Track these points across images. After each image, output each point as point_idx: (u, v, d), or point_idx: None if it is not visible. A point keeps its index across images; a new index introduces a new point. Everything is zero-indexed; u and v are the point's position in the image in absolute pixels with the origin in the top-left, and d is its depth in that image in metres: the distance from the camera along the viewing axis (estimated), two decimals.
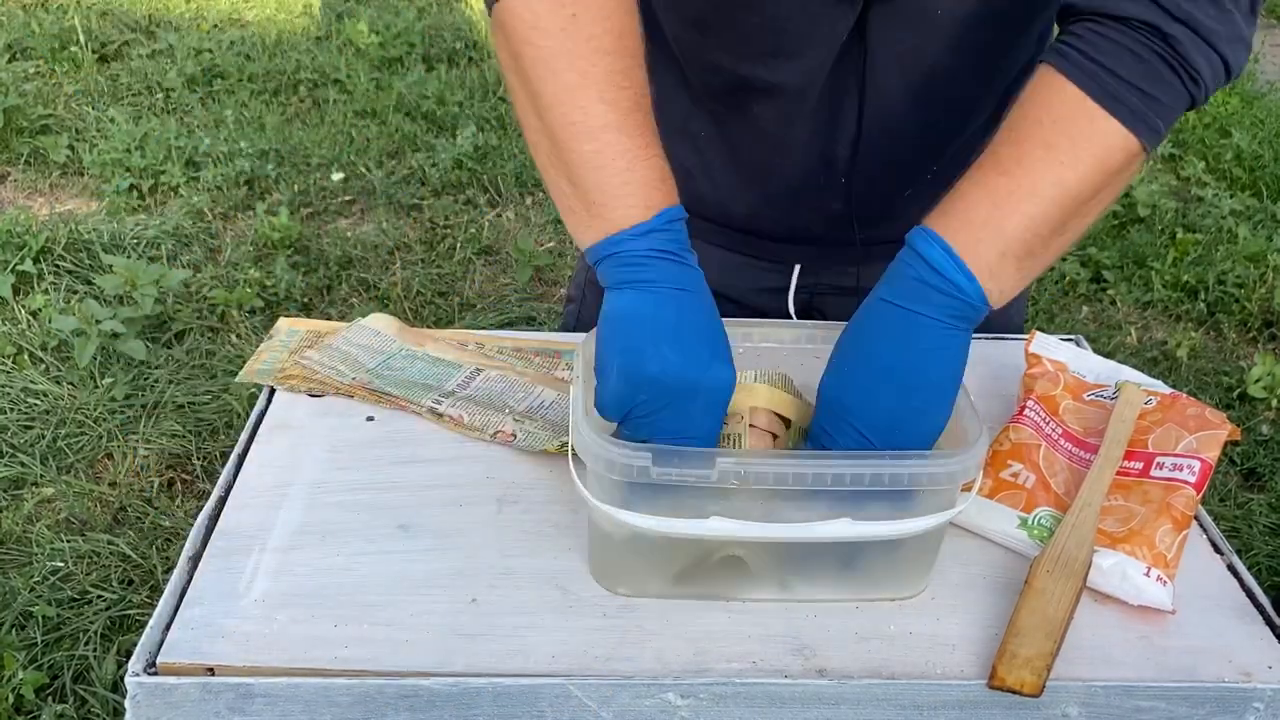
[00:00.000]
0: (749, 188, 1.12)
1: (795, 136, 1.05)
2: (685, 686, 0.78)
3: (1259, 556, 2.21)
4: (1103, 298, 3.08)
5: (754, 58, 1.00)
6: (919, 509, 0.79)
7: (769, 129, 1.05)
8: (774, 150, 1.07)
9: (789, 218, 1.13)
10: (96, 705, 1.76)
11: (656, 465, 0.76)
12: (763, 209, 1.13)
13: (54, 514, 2.14)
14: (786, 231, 1.15)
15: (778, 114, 1.04)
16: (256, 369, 1.07)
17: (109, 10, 4.58)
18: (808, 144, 1.05)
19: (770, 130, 1.05)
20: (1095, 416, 0.97)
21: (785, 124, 1.04)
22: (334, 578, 0.85)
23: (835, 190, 1.08)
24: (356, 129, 3.77)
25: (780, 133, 1.05)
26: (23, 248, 2.89)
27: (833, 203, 1.10)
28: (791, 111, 1.03)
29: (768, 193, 1.11)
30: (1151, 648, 0.82)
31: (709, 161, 1.12)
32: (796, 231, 1.14)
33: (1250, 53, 0.85)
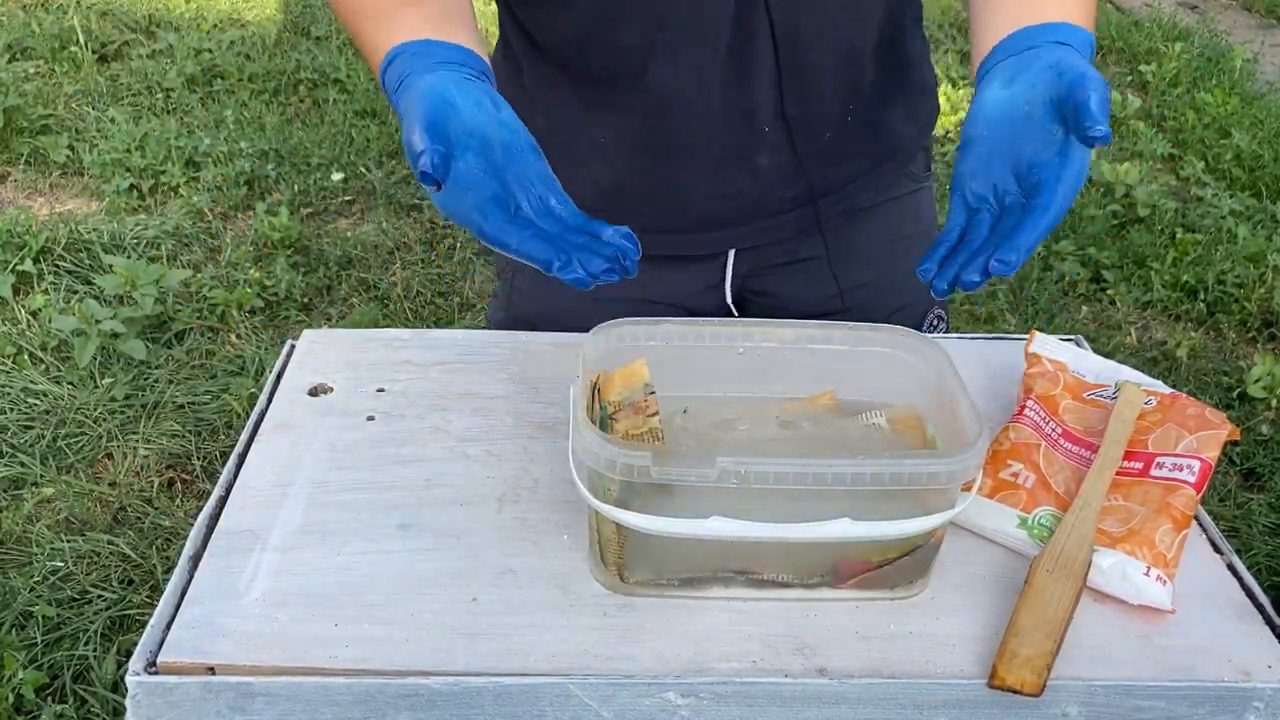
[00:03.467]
0: (671, 172, 1.09)
1: (711, 92, 1.03)
2: (685, 686, 0.78)
3: (1259, 556, 2.21)
4: (1102, 298, 3.08)
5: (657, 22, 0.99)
6: (919, 509, 0.79)
7: (683, 95, 1.03)
8: (691, 117, 1.05)
9: (721, 186, 1.10)
10: (96, 705, 1.76)
11: (656, 465, 0.76)
12: (688, 190, 1.11)
13: (54, 514, 2.14)
14: (721, 210, 1.13)
15: (689, 73, 1.02)
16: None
17: (109, 10, 4.58)
18: (724, 98, 1.03)
19: (684, 96, 1.03)
20: (1095, 416, 0.98)
21: (699, 82, 1.02)
22: (334, 577, 0.85)
23: (760, 141, 1.07)
24: (356, 129, 3.77)
25: (694, 93, 1.03)
26: (23, 248, 2.90)
27: (759, 157, 1.08)
28: (702, 64, 1.01)
29: (690, 168, 1.09)
30: (1151, 647, 0.82)
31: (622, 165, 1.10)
32: (732, 205, 1.12)
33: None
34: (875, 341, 0.93)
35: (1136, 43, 4.86)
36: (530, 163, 0.81)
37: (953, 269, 0.78)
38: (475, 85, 0.82)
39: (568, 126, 1.10)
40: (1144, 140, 3.93)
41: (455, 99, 0.79)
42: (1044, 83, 0.78)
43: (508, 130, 0.81)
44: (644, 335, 0.90)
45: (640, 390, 0.89)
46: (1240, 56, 4.65)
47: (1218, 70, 4.55)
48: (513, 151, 0.80)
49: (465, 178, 0.78)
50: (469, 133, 0.79)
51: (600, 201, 1.13)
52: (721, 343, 0.92)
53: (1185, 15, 5.36)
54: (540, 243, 0.77)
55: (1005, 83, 0.81)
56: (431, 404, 1.05)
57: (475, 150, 0.79)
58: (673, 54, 1.01)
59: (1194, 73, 4.52)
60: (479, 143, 0.79)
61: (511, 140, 0.81)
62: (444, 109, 0.78)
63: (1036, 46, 0.82)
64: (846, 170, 1.15)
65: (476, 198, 0.78)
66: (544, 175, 0.81)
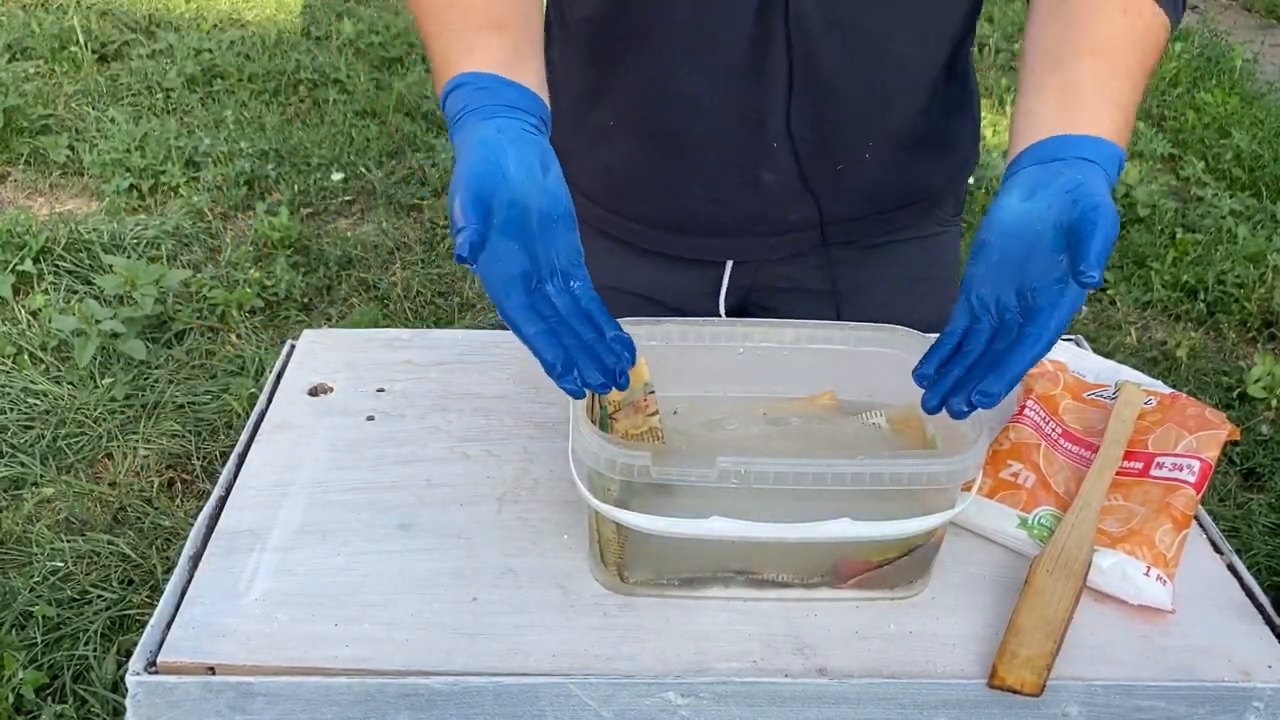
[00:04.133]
0: (671, 167, 1.09)
1: (719, 96, 1.02)
2: (685, 685, 0.78)
3: (1259, 556, 2.21)
4: (1102, 298, 3.08)
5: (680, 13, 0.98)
6: (919, 509, 0.79)
7: (692, 92, 1.02)
8: (697, 117, 1.04)
9: (717, 194, 1.09)
10: (96, 705, 1.76)
11: (656, 465, 0.76)
12: (689, 189, 1.10)
13: (54, 514, 2.14)
14: (715, 217, 1.12)
15: (700, 71, 1.01)
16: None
17: (109, 10, 4.58)
18: (733, 103, 1.02)
19: (693, 94, 1.03)
20: (1095, 416, 0.98)
21: (709, 82, 1.01)
22: (334, 577, 0.85)
23: (766, 156, 1.05)
24: (356, 129, 3.77)
25: (704, 94, 1.02)
26: (23, 248, 2.90)
27: (763, 172, 1.07)
28: (715, 65, 1.00)
29: (693, 168, 1.08)
30: (1151, 647, 0.82)
31: (625, 151, 1.10)
32: (726, 214, 1.11)
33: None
34: (875, 341, 0.93)
35: None
36: (562, 234, 0.80)
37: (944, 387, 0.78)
38: (531, 144, 0.81)
39: (580, 107, 1.10)
40: (1144, 140, 3.93)
41: (508, 166, 0.78)
42: (1059, 206, 0.78)
43: (549, 198, 0.80)
44: (644, 335, 0.90)
45: (640, 390, 0.89)
46: (1240, 56, 4.65)
47: (1218, 70, 4.56)
48: (549, 220, 0.80)
49: (499, 250, 0.78)
50: (513, 204, 0.78)
51: (607, 187, 1.13)
52: (721, 343, 0.92)
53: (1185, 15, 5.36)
54: (549, 340, 0.77)
55: (1025, 194, 0.81)
56: (431, 404, 1.05)
57: (514, 224, 0.78)
58: (681, 48, 1.00)
59: (1194, 73, 4.53)
60: (519, 215, 0.79)
61: (551, 209, 0.80)
62: (494, 178, 0.77)
63: (1063, 159, 0.81)
64: (859, 206, 1.12)
65: (504, 272, 0.78)
66: (572, 248, 0.81)
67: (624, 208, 1.14)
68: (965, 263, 0.83)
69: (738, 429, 0.92)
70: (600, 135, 1.10)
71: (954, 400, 0.77)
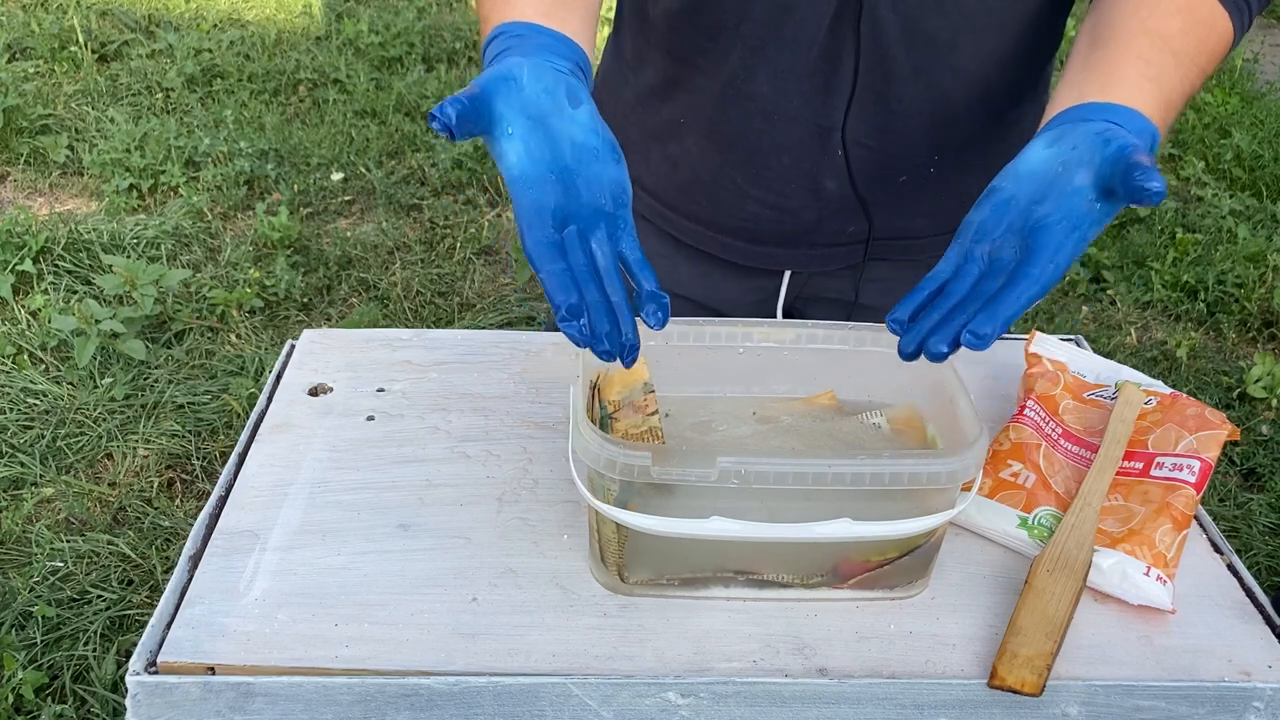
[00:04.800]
0: (735, 169, 1.08)
1: (790, 100, 1.01)
2: (685, 685, 0.78)
3: (1259, 556, 2.21)
4: (1103, 298, 3.08)
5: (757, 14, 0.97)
6: (919, 509, 0.79)
7: (763, 94, 1.01)
8: (767, 120, 1.03)
9: (780, 200, 1.08)
10: (96, 705, 1.76)
11: (656, 465, 0.76)
12: (752, 193, 1.08)
13: (54, 514, 2.14)
14: (777, 223, 1.11)
15: (773, 74, 1.00)
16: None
17: (109, 10, 4.58)
18: (803, 109, 1.02)
19: (764, 95, 1.01)
20: (1095, 416, 0.98)
21: (780, 85, 1.00)
22: (334, 577, 0.85)
23: (830, 164, 1.05)
24: (356, 129, 3.77)
25: (775, 97, 1.01)
26: (23, 248, 2.90)
27: (826, 180, 1.06)
28: (787, 69, 0.99)
29: (758, 172, 1.07)
30: (1151, 647, 0.82)
31: (693, 148, 1.08)
32: (788, 222, 1.10)
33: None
34: (875, 341, 0.93)
35: None
36: (605, 169, 0.75)
37: (922, 329, 0.72)
38: (557, 76, 0.76)
39: (650, 101, 1.09)
40: None
41: (523, 79, 0.74)
42: (1087, 145, 0.75)
43: (581, 127, 0.75)
44: (644, 335, 0.90)
45: (640, 390, 0.89)
46: (1240, 56, 4.65)
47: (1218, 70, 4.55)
48: (585, 151, 0.75)
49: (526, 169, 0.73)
50: (528, 115, 0.73)
51: (669, 183, 1.12)
52: (721, 343, 0.92)
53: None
54: (563, 281, 0.71)
55: (1048, 143, 0.78)
56: (431, 404, 1.05)
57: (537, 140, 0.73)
58: (756, 49, 0.99)
59: None
60: (543, 133, 0.74)
61: (586, 139, 0.75)
62: (503, 84, 0.73)
63: (1090, 120, 0.78)
64: (916, 224, 1.11)
65: (535, 200, 0.73)
66: (617, 185, 0.76)
67: (684, 206, 1.13)
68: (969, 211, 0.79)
69: (727, 430, 0.92)
70: (669, 130, 1.09)
71: (933, 340, 0.70)
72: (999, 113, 1.06)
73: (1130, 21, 0.86)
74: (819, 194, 1.07)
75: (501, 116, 0.74)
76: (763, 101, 1.02)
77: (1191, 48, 0.86)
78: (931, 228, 1.12)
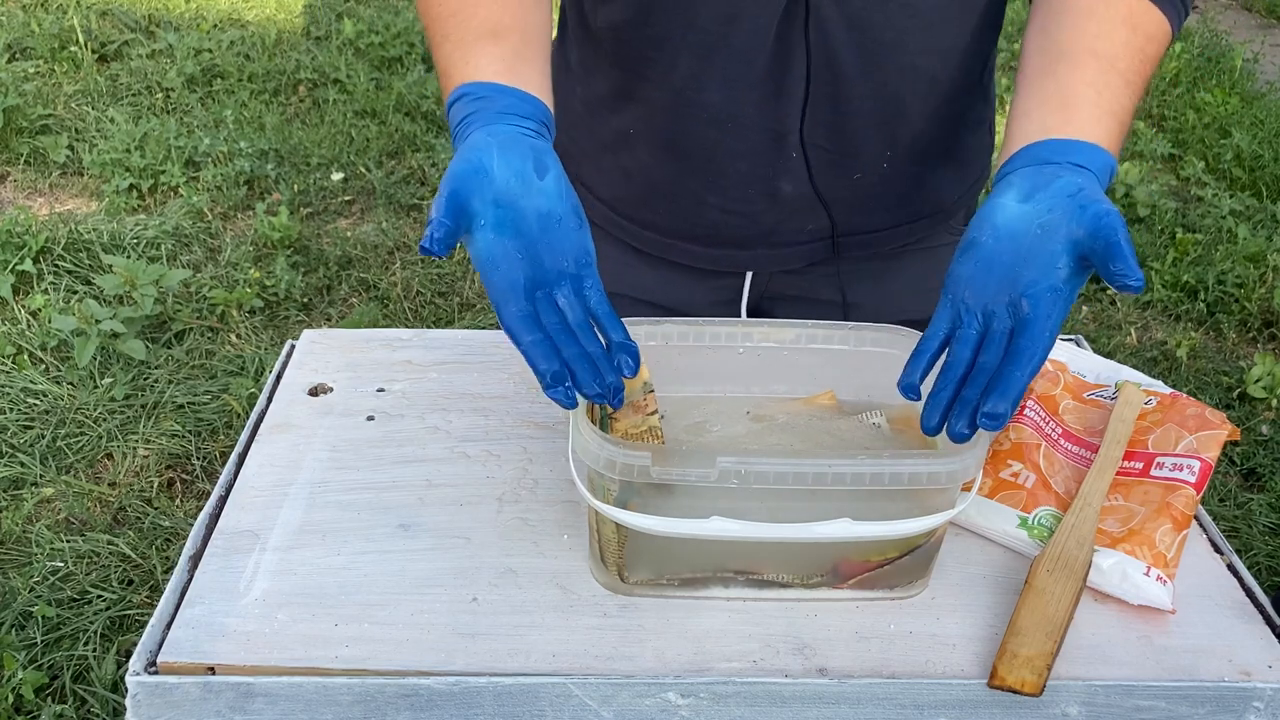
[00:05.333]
0: (691, 176, 1.08)
1: (743, 108, 1.01)
2: (685, 686, 0.78)
3: (1259, 556, 2.21)
4: (1103, 298, 3.08)
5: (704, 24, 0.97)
6: (919, 509, 0.79)
7: (715, 102, 1.02)
8: (720, 128, 1.03)
9: (739, 205, 1.09)
10: (96, 705, 1.76)
11: (656, 465, 0.76)
12: (710, 198, 1.09)
13: (54, 514, 2.14)
14: (736, 228, 1.11)
15: (724, 83, 1.00)
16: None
17: (109, 10, 4.58)
18: (756, 115, 1.02)
19: (716, 104, 1.02)
20: (1095, 416, 0.97)
21: (732, 93, 1.01)
22: (334, 577, 0.85)
23: (785, 167, 1.05)
24: (356, 129, 3.77)
25: (727, 105, 1.02)
26: (23, 248, 2.90)
27: (783, 183, 1.06)
28: (738, 77, 1.00)
29: (713, 179, 1.07)
30: (1151, 647, 0.82)
31: (646, 158, 1.09)
32: (747, 225, 1.10)
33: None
34: (875, 341, 0.93)
35: None
36: (568, 234, 0.79)
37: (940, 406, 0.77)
38: (524, 147, 0.80)
39: (599, 111, 1.09)
40: (1144, 140, 3.93)
41: (492, 167, 0.77)
42: (1063, 210, 0.77)
43: (547, 198, 0.79)
44: (644, 335, 0.90)
45: (640, 389, 0.89)
46: (1240, 56, 4.65)
47: (1218, 70, 4.56)
48: (550, 220, 0.79)
49: (495, 254, 0.77)
50: (499, 204, 0.77)
51: (624, 192, 1.12)
52: (721, 343, 0.92)
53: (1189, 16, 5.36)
54: (545, 350, 0.76)
55: (1023, 196, 0.80)
56: (431, 404, 1.05)
57: (509, 225, 0.77)
58: (704, 58, 0.99)
59: (1194, 73, 4.53)
60: (513, 216, 0.77)
61: (551, 208, 0.79)
62: (475, 178, 0.76)
63: (1056, 164, 0.80)
64: (875, 218, 1.12)
65: (505, 278, 0.77)
66: (580, 249, 0.79)
67: (640, 215, 1.13)
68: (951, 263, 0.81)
69: (722, 430, 0.92)
70: (621, 140, 1.09)
71: (955, 423, 0.76)
72: (948, 105, 1.07)
73: (1080, 42, 0.87)
74: (776, 197, 1.07)
75: (476, 212, 0.77)
76: (715, 110, 1.02)
77: (1137, 64, 0.87)
78: (890, 220, 1.13)
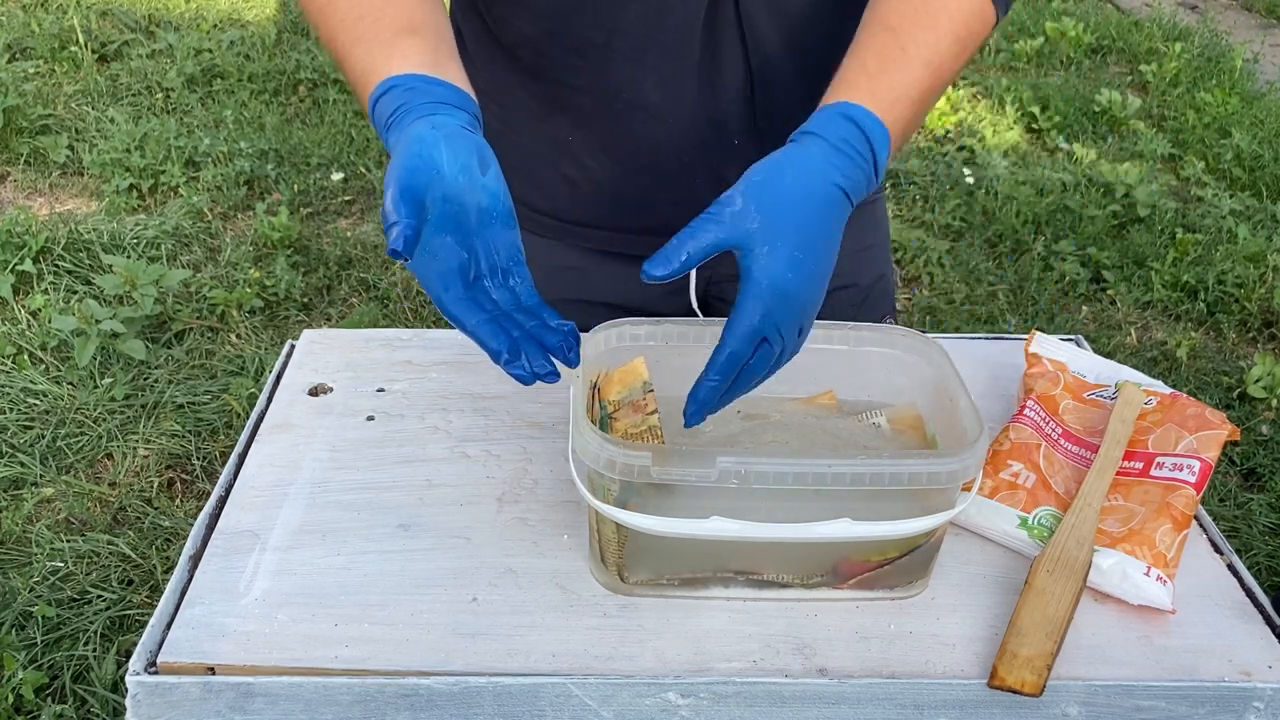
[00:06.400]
0: (635, 175, 1.08)
1: (680, 103, 1.02)
2: (685, 686, 0.78)
3: (1259, 556, 2.21)
4: (1103, 298, 3.08)
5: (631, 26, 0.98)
6: (919, 509, 0.79)
7: (653, 100, 1.02)
8: (660, 124, 1.04)
9: (687, 196, 1.06)
10: (96, 705, 1.76)
11: (656, 465, 0.76)
12: (659, 193, 1.09)
13: (54, 514, 2.14)
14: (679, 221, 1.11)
15: (660, 80, 1.00)
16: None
17: (109, 10, 4.58)
18: (694, 108, 1.02)
19: (654, 102, 1.02)
20: (1095, 416, 0.97)
21: (669, 89, 1.01)
22: (334, 577, 0.85)
23: (729, 154, 1.05)
24: (356, 129, 3.77)
25: (665, 102, 1.02)
26: (23, 248, 2.90)
27: (728, 170, 1.05)
28: (673, 73, 1.00)
29: (658, 176, 1.07)
30: (1151, 647, 0.82)
31: (589, 163, 1.09)
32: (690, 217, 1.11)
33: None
34: (875, 341, 0.93)
35: (1136, 43, 4.86)
36: (501, 232, 0.80)
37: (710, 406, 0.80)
38: (467, 141, 0.80)
39: (525, 125, 1.09)
40: (1144, 140, 3.93)
41: (441, 163, 0.77)
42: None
43: (489, 195, 0.80)
44: (644, 335, 0.90)
45: (639, 389, 0.89)
46: (1240, 56, 4.65)
47: (1218, 70, 4.56)
48: (488, 217, 0.80)
49: (434, 246, 0.78)
50: (447, 199, 0.78)
51: (570, 201, 1.13)
52: None
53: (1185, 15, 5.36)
54: (493, 329, 0.77)
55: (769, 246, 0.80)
56: (431, 404, 1.05)
57: (450, 220, 0.78)
58: (635, 58, 1.00)
59: (1194, 73, 4.53)
60: (456, 211, 0.78)
61: (490, 206, 0.80)
62: (427, 174, 0.77)
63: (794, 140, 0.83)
64: None
65: (442, 267, 0.78)
66: (512, 246, 0.81)
67: (588, 218, 1.13)
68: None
69: (716, 430, 0.92)
70: (559, 149, 1.09)
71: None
72: None
73: (869, 15, 0.89)
74: (724, 183, 1.07)
75: (427, 209, 0.78)
76: (653, 108, 1.02)
77: (918, 17, 0.87)
78: None
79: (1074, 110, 4.15)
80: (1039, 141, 4.01)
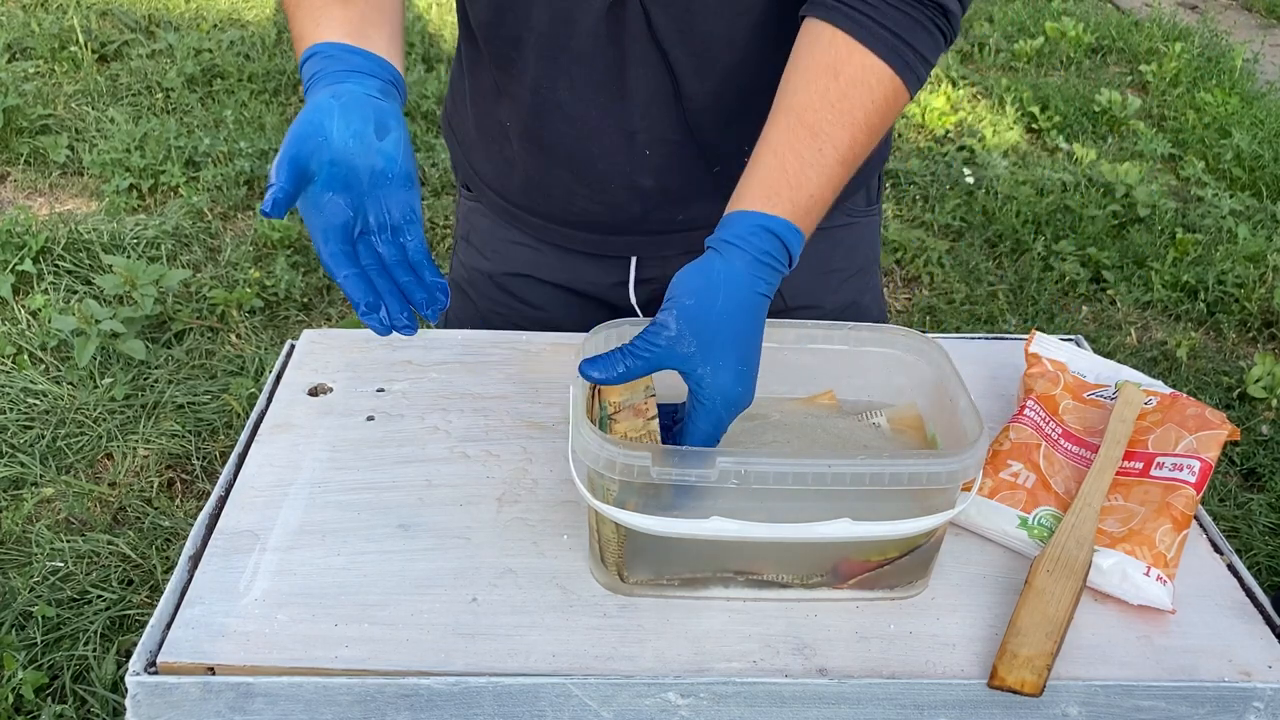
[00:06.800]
0: (557, 170, 1.10)
1: (590, 109, 1.04)
2: (685, 686, 0.78)
3: (1259, 556, 2.21)
4: (1103, 298, 3.08)
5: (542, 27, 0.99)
6: (919, 509, 0.79)
7: (567, 102, 1.04)
8: (574, 126, 1.05)
9: (606, 196, 1.11)
10: (96, 705, 1.76)
11: (656, 465, 0.76)
12: (581, 193, 1.11)
13: (54, 514, 2.14)
14: (609, 216, 1.13)
15: (571, 84, 1.02)
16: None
17: (109, 10, 4.58)
18: (604, 116, 1.04)
19: (568, 104, 1.04)
20: (1095, 416, 0.98)
21: (580, 95, 1.03)
22: (334, 577, 0.85)
23: (641, 164, 1.07)
24: None
25: (577, 105, 1.04)
26: (23, 248, 2.89)
27: (642, 179, 1.08)
28: (582, 79, 1.02)
29: (577, 174, 1.09)
30: (1151, 647, 0.82)
31: (521, 151, 1.11)
32: (617, 214, 1.12)
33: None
34: (875, 341, 0.93)
35: (1136, 43, 4.86)
36: (397, 192, 0.84)
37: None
38: (367, 107, 0.84)
39: (483, 105, 1.13)
40: (1144, 140, 3.93)
41: (330, 130, 0.82)
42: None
43: (384, 158, 0.84)
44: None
45: (641, 393, 0.89)
46: (1240, 56, 4.65)
47: (1218, 70, 4.56)
48: (382, 179, 0.84)
49: (319, 201, 0.83)
50: (334, 163, 0.82)
51: (509, 183, 1.16)
52: None
53: (1185, 15, 5.36)
54: (359, 281, 0.81)
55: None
56: (431, 404, 1.05)
57: (337, 180, 0.83)
58: (551, 60, 1.02)
59: (1194, 73, 4.53)
60: (343, 173, 0.83)
61: (386, 168, 0.84)
62: (313, 141, 0.82)
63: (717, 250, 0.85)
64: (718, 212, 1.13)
65: (324, 222, 0.82)
66: (406, 207, 0.85)
67: (525, 202, 1.16)
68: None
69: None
70: (500, 133, 1.13)
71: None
72: None
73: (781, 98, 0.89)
74: (638, 190, 1.10)
75: (313, 173, 0.82)
76: (568, 110, 1.04)
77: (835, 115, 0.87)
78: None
79: (1074, 110, 4.15)
80: (1039, 141, 4.01)
